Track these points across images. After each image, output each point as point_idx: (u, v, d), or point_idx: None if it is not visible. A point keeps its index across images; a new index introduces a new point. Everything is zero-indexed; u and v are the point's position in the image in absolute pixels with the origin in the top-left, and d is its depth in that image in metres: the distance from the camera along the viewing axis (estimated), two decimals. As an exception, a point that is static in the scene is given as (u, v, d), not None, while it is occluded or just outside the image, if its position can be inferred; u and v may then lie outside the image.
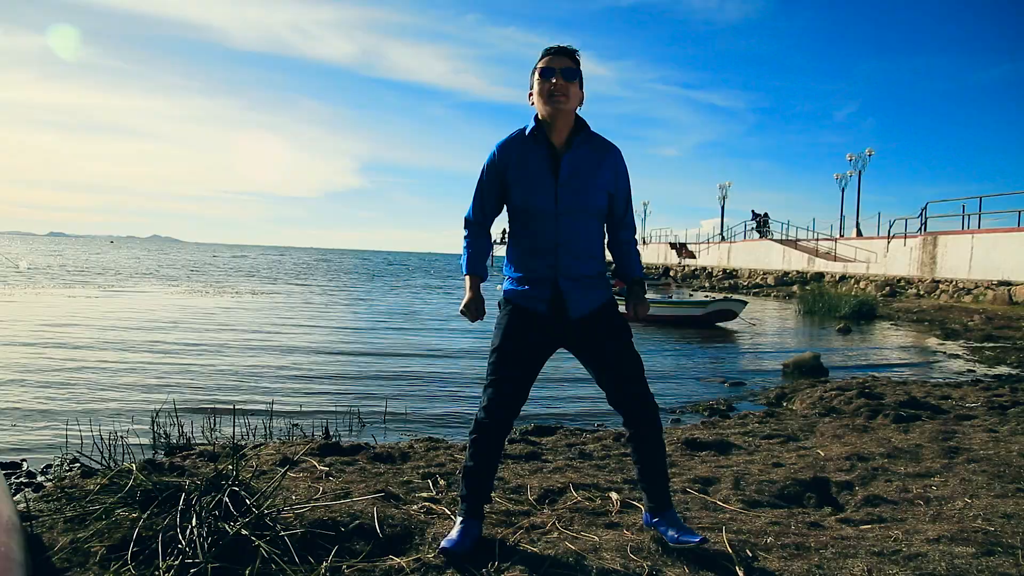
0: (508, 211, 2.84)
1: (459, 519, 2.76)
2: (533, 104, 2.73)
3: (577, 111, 2.74)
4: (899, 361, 11.27)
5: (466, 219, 2.89)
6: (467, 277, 2.87)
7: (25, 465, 4.51)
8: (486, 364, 2.78)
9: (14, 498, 2.77)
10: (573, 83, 2.64)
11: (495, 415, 2.71)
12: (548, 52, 2.66)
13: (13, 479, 4.16)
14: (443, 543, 2.66)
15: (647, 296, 2.90)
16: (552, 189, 2.67)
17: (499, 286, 2.89)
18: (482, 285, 2.88)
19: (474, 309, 2.83)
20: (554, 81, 2.61)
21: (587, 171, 2.70)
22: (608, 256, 2.95)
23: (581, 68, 2.69)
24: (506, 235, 2.93)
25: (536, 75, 2.68)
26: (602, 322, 2.75)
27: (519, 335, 2.73)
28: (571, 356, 2.84)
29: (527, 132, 2.74)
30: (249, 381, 7.99)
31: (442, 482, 3.70)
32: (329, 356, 10.12)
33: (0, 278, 24.92)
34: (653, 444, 2.78)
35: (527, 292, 2.73)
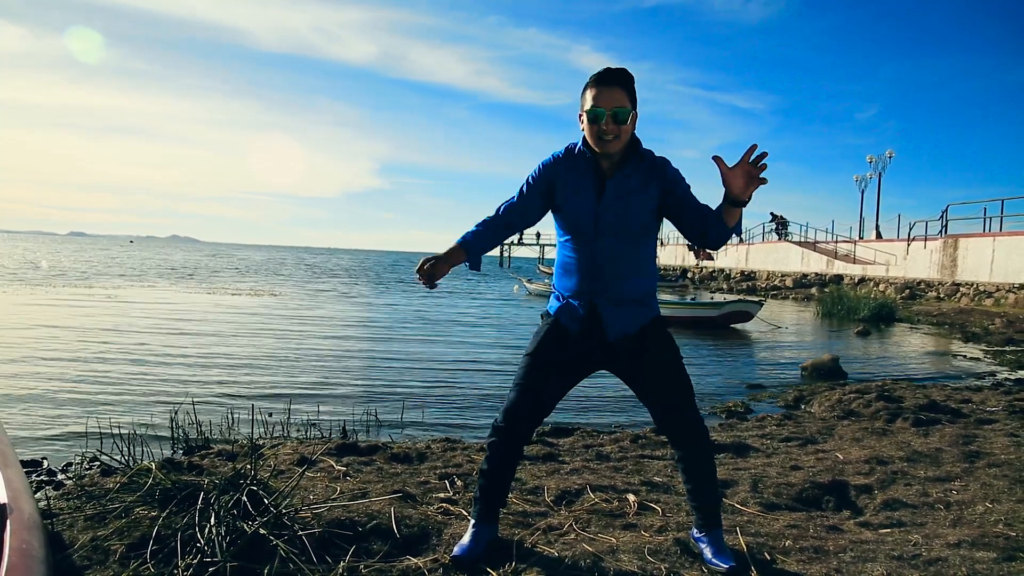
0: (556, 227, 2.74)
1: (472, 523, 2.76)
2: (583, 130, 2.59)
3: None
4: (919, 364, 11.16)
5: (496, 209, 2.74)
6: (456, 244, 2.66)
7: (46, 463, 4.55)
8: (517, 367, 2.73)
9: (35, 496, 2.80)
10: (624, 124, 2.49)
11: (511, 421, 2.65)
12: (597, 81, 2.49)
13: (34, 477, 4.21)
14: (455, 550, 2.66)
15: (664, 296, 2.84)
16: (592, 212, 2.58)
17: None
18: (464, 269, 2.70)
19: (428, 269, 2.55)
20: (603, 127, 2.48)
21: (631, 194, 2.57)
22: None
23: (635, 93, 2.52)
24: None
25: (584, 112, 2.54)
26: (645, 344, 2.64)
27: (551, 349, 2.67)
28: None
29: (576, 151, 2.64)
30: (267, 380, 8.02)
31: (459, 483, 3.71)
32: (347, 356, 10.15)
33: (20, 278, 25.21)
34: (702, 467, 2.69)
35: (564, 309, 2.68)
